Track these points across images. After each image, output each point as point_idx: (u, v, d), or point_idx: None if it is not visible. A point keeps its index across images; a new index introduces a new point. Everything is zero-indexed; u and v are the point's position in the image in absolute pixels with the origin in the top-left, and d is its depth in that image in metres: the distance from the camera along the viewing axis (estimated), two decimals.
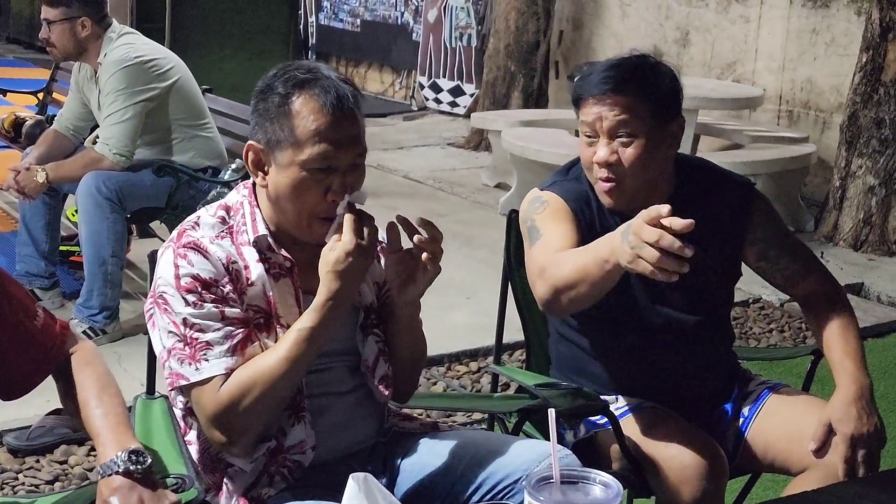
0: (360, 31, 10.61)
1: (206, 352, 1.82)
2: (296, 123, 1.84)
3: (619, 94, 2.20)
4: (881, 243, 5.84)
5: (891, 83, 5.75)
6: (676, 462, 2.09)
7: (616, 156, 2.21)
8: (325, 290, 1.83)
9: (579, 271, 2.02)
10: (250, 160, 1.90)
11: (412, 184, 7.14)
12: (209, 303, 1.83)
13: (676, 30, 7.83)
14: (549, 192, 2.30)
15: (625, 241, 1.84)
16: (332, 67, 1.98)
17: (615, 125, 2.20)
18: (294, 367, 1.83)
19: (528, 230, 2.27)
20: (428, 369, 4.09)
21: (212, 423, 1.84)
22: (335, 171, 1.86)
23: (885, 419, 3.79)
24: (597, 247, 2.00)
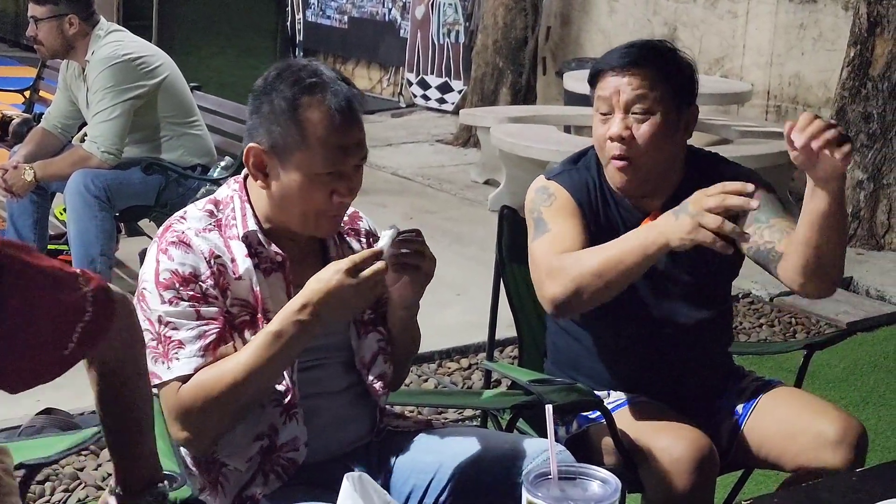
0: (347, 28, 10.59)
1: (178, 350, 1.82)
2: (305, 129, 1.82)
3: (639, 67, 2.20)
4: (870, 238, 5.86)
5: (878, 78, 5.76)
6: (667, 454, 2.09)
7: (630, 132, 2.20)
8: (299, 296, 1.80)
9: (610, 261, 2.06)
10: (252, 163, 1.88)
11: (401, 181, 7.13)
12: (186, 300, 1.82)
13: (664, 25, 7.83)
14: (556, 183, 2.29)
15: (681, 215, 1.94)
16: (330, 66, 1.96)
17: (633, 99, 2.20)
18: (257, 373, 1.80)
19: (535, 220, 2.26)
20: (419, 366, 4.09)
21: (171, 420, 1.84)
22: (341, 174, 1.86)
23: (876, 413, 3.84)
24: (632, 240, 2.05)
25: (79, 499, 3.14)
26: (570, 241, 2.17)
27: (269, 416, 1.89)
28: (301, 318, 1.78)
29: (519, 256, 2.60)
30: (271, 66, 1.91)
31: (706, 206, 1.89)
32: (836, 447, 2.15)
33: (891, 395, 4.01)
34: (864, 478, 1.88)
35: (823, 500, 1.74)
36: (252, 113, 1.89)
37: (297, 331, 1.79)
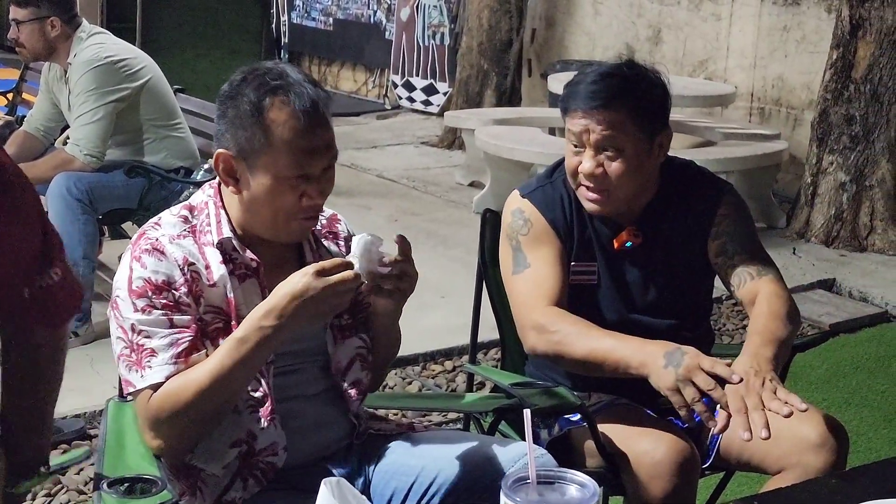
0: (332, 30, 10.57)
1: (151, 359, 1.81)
2: (271, 132, 1.81)
3: (607, 110, 2.19)
4: (852, 239, 5.88)
5: (861, 80, 5.79)
6: (648, 457, 2.09)
7: (602, 168, 2.22)
8: (265, 302, 1.79)
9: (594, 358, 2.12)
10: (221, 169, 1.87)
11: (386, 183, 7.12)
12: (158, 309, 1.81)
13: (648, 28, 7.85)
14: (529, 202, 2.31)
15: (670, 367, 1.96)
16: (298, 68, 1.95)
17: (602, 139, 2.21)
18: (222, 380, 1.78)
19: (513, 250, 2.30)
20: (403, 369, 4.09)
21: (143, 428, 1.85)
22: (311, 177, 1.84)
23: (859, 414, 3.86)
24: (623, 350, 2.08)
25: (60, 503, 3.13)
26: (552, 283, 2.23)
27: (246, 422, 1.88)
28: (265, 323, 1.76)
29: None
30: (236, 72, 1.89)
31: (695, 379, 1.93)
32: (817, 450, 2.15)
33: (873, 397, 4.03)
34: (844, 479, 1.89)
35: (804, 502, 1.75)
36: (219, 118, 1.87)
37: (261, 337, 1.77)
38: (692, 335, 2.39)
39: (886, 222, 5.85)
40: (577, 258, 2.31)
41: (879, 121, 5.77)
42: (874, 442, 3.64)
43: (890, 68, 5.70)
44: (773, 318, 2.12)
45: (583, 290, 2.31)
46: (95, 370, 3.87)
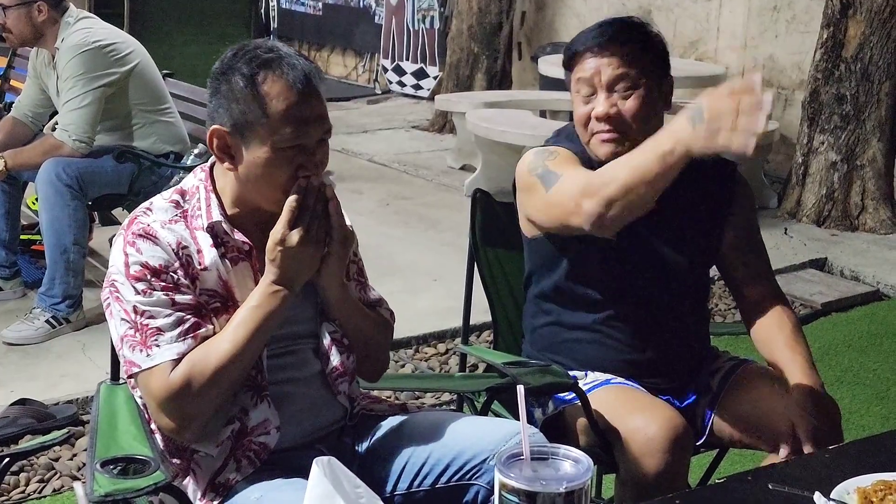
0: (322, 15, 10.54)
1: (157, 337, 1.81)
2: (266, 104, 1.81)
3: (617, 45, 2.20)
4: (844, 218, 5.89)
5: (851, 59, 5.79)
6: (641, 434, 2.09)
7: (616, 108, 2.21)
8: (267, 272, 1.85)
9: (636, 171, 2.00)
10: (216, 145, 1.86)
11: (377, 167, 7.11)
12: (159, 290, 1.81)
13: (639, 9, 7.83)
14: (555, 146, 2.29)
15: (697, 125, 1.87)
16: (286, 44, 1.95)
17: (614, 78, 2.20)
18: (243, 349, 1.82)
19: (541, 176, 2.22)
20: (396, 352, 4.09)
21: (162, 408, 1.82)
22: (305, 148, 1.84)
23: (851, 392, 3.87)
24: (652, 143, 1.99)
25: (54, 489, 3.12)
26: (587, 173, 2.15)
27: (239, 398, 1.88)
28: (274, 288, 1.83)
29: (492, 240, 2.60)
30: (227, 50, 1.89)
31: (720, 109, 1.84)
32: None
33: (865, 374, 4.04)
34: (836, 455, 1.89)
35: (797, 477, 1.75)
36: (211, 96, 1.87)
37: (274, 299, 1.83)
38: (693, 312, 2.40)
39: (878, 201, 5.86)
40: None
41: (870, 100, 5.77)
42: (866, 419, 3.66)
43: (880, 47, 5.70)
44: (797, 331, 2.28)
45: (603, 247, 2.25)
46: (88, 356, 3.87)
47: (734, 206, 2.37)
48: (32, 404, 3.46)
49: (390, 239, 5.37)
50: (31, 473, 3.17)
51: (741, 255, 2.38)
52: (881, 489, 1.65)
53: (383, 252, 5.07)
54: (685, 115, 1.93)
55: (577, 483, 1.35)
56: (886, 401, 3.82)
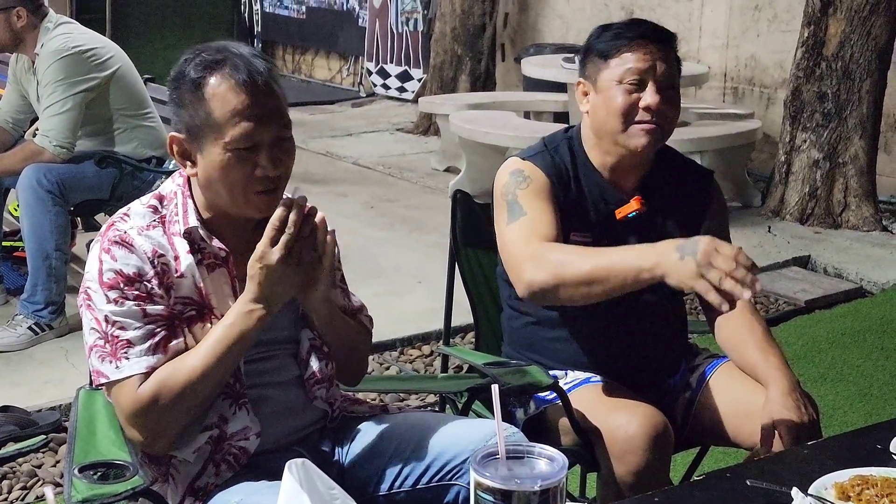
0: (305, 18, 10.52)
1: (127, 350, 1.80)
2: (212, 106, 1.80)
3: (664, 42, 2.27)
4: (826, 216, 5.91)
5: (832, 58, 5.81)
6: (621, 432, 2.10)
7: (665, 101, 2.26)
8: (246, 290, 1.82)
9: (601, 272, 2.03)
10: (175, 152, 1.87)
11: (361, 170, 7.10)
12: (131, 300, 1.80)
13: (621, 10, 7.85)
14: (531, 163, 2.29)
15: (687, 256, 1.91)
16: (246, 44, 1.95)
17: (666, 71, 2.25)
18: (216, 365, 1.80)
19: (509, 203, 2.24)
20: (381, 354, 4.08)
21: (129, 421, 1.82)
22: (260, 147, 1.83)
23: (834, 388, 3.88)
24: (629, 258, 2.02)
25: (37, 496, 3.11)
26: (548, 227, 2.18)
27: (217, 407, 1.88)
28: (251, 307, 1.80)
29: (473, 240, 2.60)
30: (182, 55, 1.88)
31: (714, 262, 1.90)
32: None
33: (848, 371, 4.05)
34: (814, 450, 1.90)
35: (775, 473, 1.76)
36: (168, 103, 1.88)
37: (249, 319, 1.80)
38: (673, 311, 2.41)
39: (860, 199, 5.88)
40: (575, 228, 2.28)
41: (851, 97, 5.79)
42: (850, 416, 3.67)
43: (861, 45, 5.72)
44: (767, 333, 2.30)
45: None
46: (70, 362, 3.85)
47: (709, 210, 2.40)
48: (15, 411, 3.44)
49: (375, 241, 5.37)
50: (14, 481, 3.16)
51: None
52: (858, 484, 1.66)
53: (368, 254, 5.06)
54: (675, 243, 1.97)
55: (552, 481, 1.35)
56: (870, 397, 3.83)
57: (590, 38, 2.31)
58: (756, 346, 2.26)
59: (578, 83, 2.33)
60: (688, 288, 1.95)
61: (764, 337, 2.28)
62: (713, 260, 1.89)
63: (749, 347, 2.27)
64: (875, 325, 4.50)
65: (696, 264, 1.90)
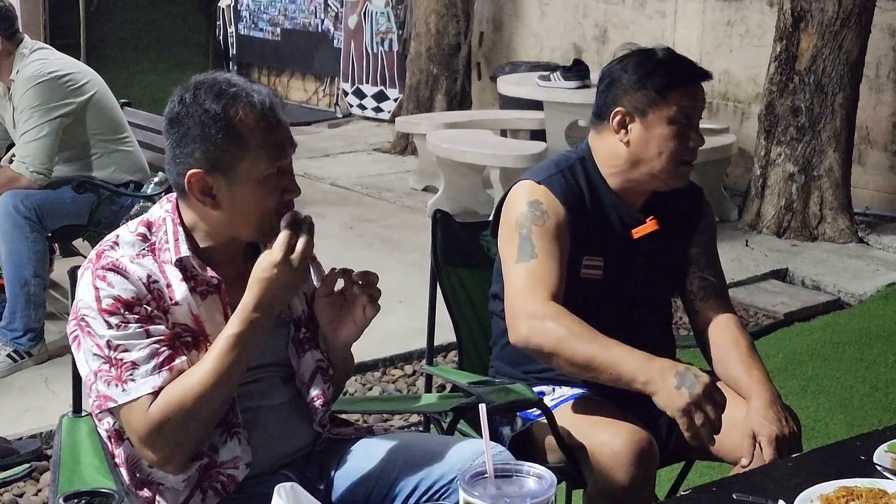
0: (280, 40, 10.53)
1: (133, 371, 1.79)
2: (243, 136, 1.82)
3: (701, 84, 2.33)
4: (803, 229, 5.96)
5: (805, 72, 5.87)
6: (607, 448, 2.11)
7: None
8: (250, 295, 1.83)
9: (596, 364, 2.11)
10: (197, 189, 1.85)
11: (340, 191, 7.10)
12: (133, 323, 1.80)
13: (595, 27, 7.91)
14: (548, 190, 2.29)
15: (683, 388, 2.00)
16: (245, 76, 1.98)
17: (700, 113, 2.33)
18: (223, 377, 1.81)
19: (521, 238, 2.26)
20: (363, 375, 4.08)
21: (143, 442, 1.81)
22: (286, 171, 1.88)
23: (816, 400, 3.90)
24: (629, 363, 2.08)
25: None
26: (555, 280, 2.21)
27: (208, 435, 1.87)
28: (255, 315, 1.82)
29: (455, 260, 2.61)
30: (178, 89, 1.87)
31: (705, 407, 2.00)
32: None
33: (829, 383, 4.08)
34: (799, 463, 1.91)
35: (761, 485, 1.77)
36: (179, 140, 1.85)
37: (253, 326, 1.82)
38: (660, 330, 2.44)
39: (836, 211, 5.93)
40: (588, 251, 2.31)
41: (825, 111, 5.85)
42: (832, 427, 3.69)
43: (832, 59, 5.78)
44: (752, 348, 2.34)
45: (588, 284, 2.32)
46: (51, 389, 3.83)
47: (700, 225, 2.44)
48: None
49: (355, 262, 5.28)
50: None
51: (699, 270, 2.42)
52: (844, 496, 1.67)
53: None
54: (676, 369, 2.05)
55: (541, 499, 1.36)
56: (850, 408, 3.86)
57: (633, 68, 2.30)
58: (739, 360, 2.28)
59: (618, 112, 2.30)
60: (671, 414, 2.03)
61: (748, 352, 2.30)
62: (705, 404, 1.99)
63: (733, 362, 2.29)
64: (854, 337, 4.53)
65: (687, 400, 1.99)
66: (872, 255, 5.68)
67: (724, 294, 2.44)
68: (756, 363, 2.29)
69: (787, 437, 2.14)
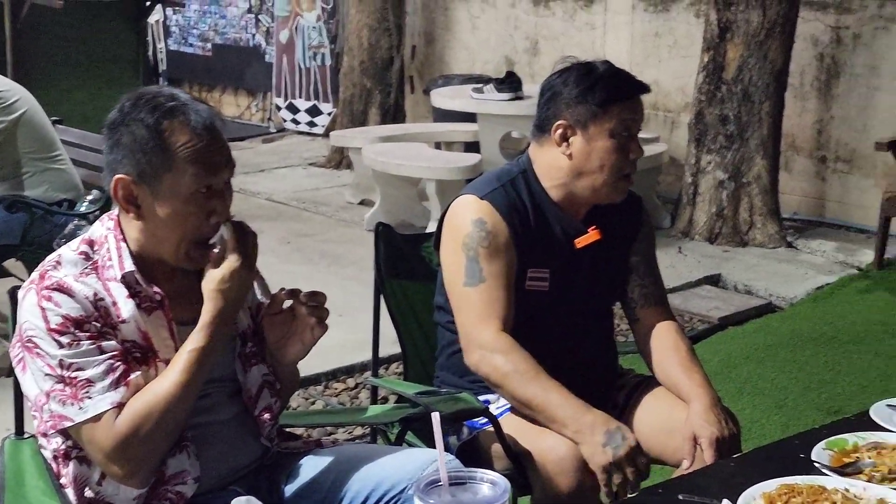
0: (211, 56, 10.47)
1: (88, 389, 1.78)
2: (172, 151, 1.81)
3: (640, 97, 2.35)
4: (734, 235, 6.08)
5: (732, 81, 5.99)
6: (553, 454, 2.14)
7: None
8: (211, 308, 1.84)
9: (534, 404, 2.19)
10: (121, 195, 1.85)
11: (276, 206, 7.08)
12: (85, 340, 1.79)
13: (526, 39, 7.99)
14: (490, 206, 2.31)
15: (609, 447, 2.08)
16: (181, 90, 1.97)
17: (640, 125, 2.36)
18: (188, 389, 1.81)
19: (469, 260, 2.28)
20: (305, 389, 4.07)
21: (110, 457, 1.79)
22: (215, 193, 1.86)
23: (751, 402, 3.98)
24: (563, 411, 2.16)
25: None
26: (504, 304, 2.27)
27: None
28: (212, 326, 1.83)
29: (398, 272, 2.62)
30: (123, 98, 1.88)
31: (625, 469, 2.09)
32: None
33: (763, 385, 4.16)
34: (741, 463, 1.96)
35: (705, 486, 1.81)
36: (112, 146, 1.86)
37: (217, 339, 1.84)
38: (605, 334, 2.50)
39: (765, 217, 6.06)
40: (533, 264, 2.34)
41: (752, 119, 5.98)
42: (767, 428, 3.77)
43: (758, 68, 5.92)
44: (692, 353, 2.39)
45: (534, 296, 2.35)
46: None
47: (640, 234, 2.49)
48: None
49: (293, 277, 5.32)
50: None
51: (639, 278, 2.46)
52: (785, 493, 1.72)
53: None
54: (607, 426, 2.13)
55: None
56: (785, 409, 3.94)
57: (574, 81, 2.33)
58: (680, 365, 2.33)
59: (559, 125, 2.33)
60: (592, 467, 2.11)
61: (688, 357, 2.35)
62: (626, 466, 2.08)
63: (673, 367, 2.34)
64: (786, 339, 4.63)
65: (610, 460, 2.08)
66: (801, 259, 5.82)
67: (663, 301, 2.48)
68: (696, 367, 2.34)
69: (727, 439, 2.19)
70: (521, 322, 2.29)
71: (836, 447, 1.90)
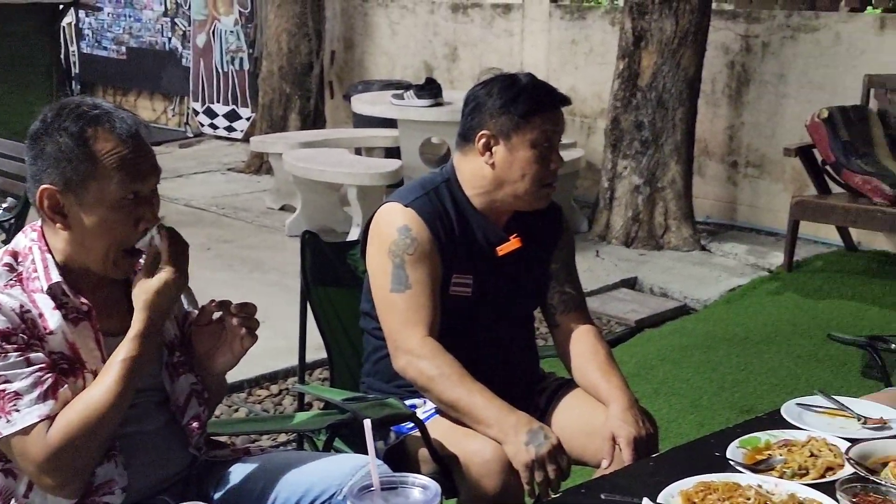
0: (126, 59, 10.33)
1: (16, 402, 1.77)
2: (98, 159, 1.82)
3: (561, 109, 2.40)
4: (650, 238, 6.21)
5: (647, 88, 6.13)
6: (478, 457, 2.19)
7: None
8: (144, 318, 1.84)
9: (459, 406, 2.26)
10: (46, 206, 1.85)
11: (195, 211, 7.02)
12: (12, 353, 1.78)
13: (445, 45, 8.05)
14: (415, 213, 2.35)
15: (531, 446, 2.15)
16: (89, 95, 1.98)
17: (560, 136, 2.41)
18: (121, 399, 1.81)
19: (395, 266, 2.32)
20: (228, 396, 4.05)
21: (43, 469, 1.78)
22: (142, 200, 1.86)
23: (668, 402, 4.08)
24: (486, 412, 2.22)
25: None
26: (430, 310, 2.31)
27: None
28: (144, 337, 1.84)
29: (324, 279, 2.65)
30: (45, 108, 1.88)
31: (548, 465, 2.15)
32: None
33: (679, 385, 4.26)
34: (659, 462, 2.02)
35: (626, 485, 1.86)
36: (35, 157, 1.85)
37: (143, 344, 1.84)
38: (527, 338, 2.56)
39: (679, 221, 6.21)
40: (457, 270, 2.38)
41: (666, 125, 6.12)
42: (683, 427, 3.86)
43: (672, 76, 6.06)
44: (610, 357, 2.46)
45: (457, 302, 2.39)
46: None
47: (560, 241, 2.55)
48: None
49: (214, 283, 5.30)
50: None
51: (559, 285, 2.52)
52: (702, 490, 1.79)
53: (207, 297, 4.96)
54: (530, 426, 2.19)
55: None
56: (700, 408, 4.04)
57: (497, 92, 2.38)
58: (598, 368, 2.40)
59: (483, 135, 2.37)
60: (515, 466, 2.17)
61: (606, 360, 2.42)
62: (548, 464, 2.15)
63: (592, 370, 2.41)
64: (700, 341, 4.75)
65: (533, 458, 2.15)
66: (714, 262, 5.97)
67: (582, 306, 2.55)
68: (614, 370, 2.41)
69: (645, 438, 2.26)
70: (445, 327, 2.34)
71: (749, 445, 1.98)
